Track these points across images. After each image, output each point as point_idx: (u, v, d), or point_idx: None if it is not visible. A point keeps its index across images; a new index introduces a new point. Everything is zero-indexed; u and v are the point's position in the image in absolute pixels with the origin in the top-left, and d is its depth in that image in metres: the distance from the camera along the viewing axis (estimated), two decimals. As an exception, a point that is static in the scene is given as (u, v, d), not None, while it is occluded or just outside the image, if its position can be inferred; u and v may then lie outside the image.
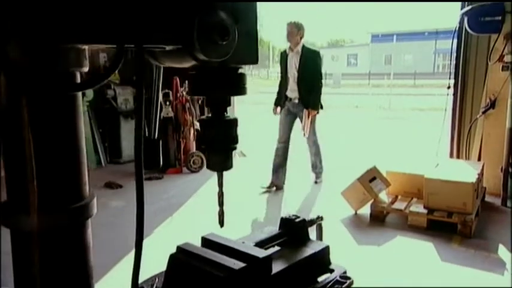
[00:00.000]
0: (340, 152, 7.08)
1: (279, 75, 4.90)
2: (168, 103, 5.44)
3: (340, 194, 4.09)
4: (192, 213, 4.14)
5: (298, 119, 4.71)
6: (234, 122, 1.07)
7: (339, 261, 1.44)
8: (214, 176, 3.72)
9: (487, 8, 4.05)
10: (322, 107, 4.63)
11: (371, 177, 3.92)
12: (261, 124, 10.18)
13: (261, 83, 30.58)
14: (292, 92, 4.62)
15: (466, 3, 4.42)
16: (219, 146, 1.08)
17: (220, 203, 1.18)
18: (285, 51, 4.71)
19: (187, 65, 0.96)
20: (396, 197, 4.00)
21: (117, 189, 4.76)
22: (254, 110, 14.31)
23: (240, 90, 1.03)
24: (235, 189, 4.92)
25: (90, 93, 5.34)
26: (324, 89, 4.64)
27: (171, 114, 5.48)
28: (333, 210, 4.06)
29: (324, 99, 4.74)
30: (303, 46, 4.55)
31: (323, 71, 4.76)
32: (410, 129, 10.04)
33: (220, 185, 1.18)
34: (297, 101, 4.59)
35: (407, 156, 5.45)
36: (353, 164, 5.15)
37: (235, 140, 1.08)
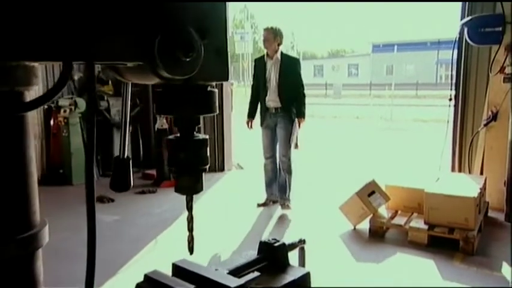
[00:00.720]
0: (339, 164, 7.05)
1: (252, 83, 4.73)
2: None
3: (338, 209, 4.05)
4: (183, 230, 4.07)
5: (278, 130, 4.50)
6: (203, 142, 1.03)
7: (337, 278, 1.40)
8: (210, 189, 3.64)
9: (487, 19, 4.06)
10: (305, 117, 4.46)
11: (370, 191, 3.89)
12: (257, 135, 10.16)
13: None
14: (273, 101, 4.42)
15: (466, 13, 4.44)
16: (188, 167, 1.04)
17: (190, 229, 1.13)
18: (261, 58, 4.56)
19: (152, 82, 0.93)
20: (396, 211, 3.96)
21: (109, 203, 4.71)
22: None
23: (209, 109, 0.98)
24: (230, 204, 4.89)
25: (82, 104, 5.33)
26: (325, 100, 4.54)
27: (166, 125, 5.46)
28: (331, 226, 4.01)
29: (309, 108, 4.66)
30: (282, 53, 4.42)
31: (325, 81, 4.70)
32: (412, 141, 10.02)
33: (190, 208, 1.13)
34: (278, 111, 4.40)
35: (408, 170, 5.42)
36: (353, 177, 5.12)
37: (205, 161, 1.04)
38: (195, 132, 1.04)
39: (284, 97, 4.37)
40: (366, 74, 37.93)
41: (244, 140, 8.79)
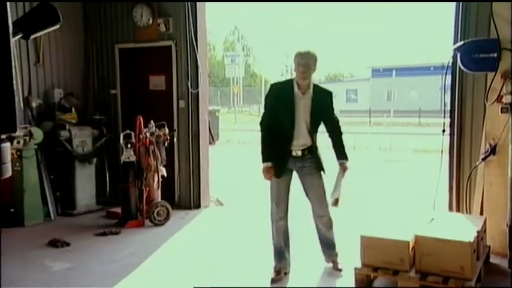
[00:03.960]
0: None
1: (264, 116, 3.88)
2: (129, 146, 5.31)
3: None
4: (146, 278, 3.89)
5: (296, 178, 3.90)
6: None
7: None
8: (181, 230, 3.44)
9: (481, 44, 4.05)
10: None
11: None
12: (243, 167, 10.04)
13: (252, 120, 30.78)
14: (300, 144, 3.75)
15: (459, 37, 4.45)
16: None
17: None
18: (286, 87, 3.79)
19: None
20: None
21: (63, 248, 4.51)
22: (239, 151, 14.24)
23: None
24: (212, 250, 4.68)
25: (39, 135, 5.21)
26: (320, 127, 3.84)
27: (133, 158, 5.34)
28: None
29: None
30: (314, 86, 3.80)
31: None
32: (410, 174, 9.95)
33: None
34: (305, 154, 3.77)
35: (401, 208, 5.30)
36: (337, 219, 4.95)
37: None
38: None
39: (315, 138, 3.82)
40: (365, 99, 38.30)
41: (225, 171, 8.70)
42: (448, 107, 4.79)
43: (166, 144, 5.54)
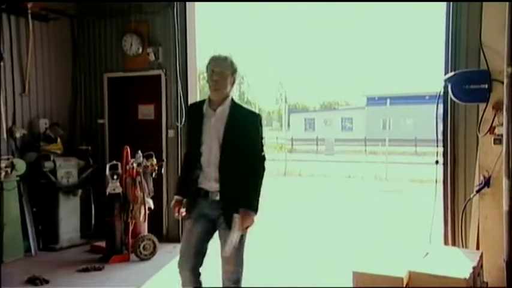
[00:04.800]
0: (314, 237, 6.79)
1: (183, 145, 3.62)
2: (115, 177, 5.26)
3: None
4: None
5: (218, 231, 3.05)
6: None
7: None
8: (168, 265, 3.32)
9: (471, 75, 4.10)
10: (257, 212, 2.99)
11: None
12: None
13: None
14: (209, 180, 2.99)
15: (449, 67, 4.51)
16: None
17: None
18: (198, 106, 3.11)
19: None
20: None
21: (42, 286, 4.39)
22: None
23: None
24: None
25: (21, 165, 5.15)
26: (316, 156, 3.43)
27: (119, 190, 5.27)
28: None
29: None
30: (233, 102, 3.03)
31: (316, 135, 3.59)
32: (406, 205, 9.92)
33: None
34: (217, 197, 2.98)
35: (395, 241, 5.24)
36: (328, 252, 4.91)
37: None
38: None
39: (230, 175, 2.95)
40: (360, 128, 38.58)
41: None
42: (441, 137, 4.82)
43: (154, 175, 5.49)
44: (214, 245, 3.06)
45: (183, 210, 3.13)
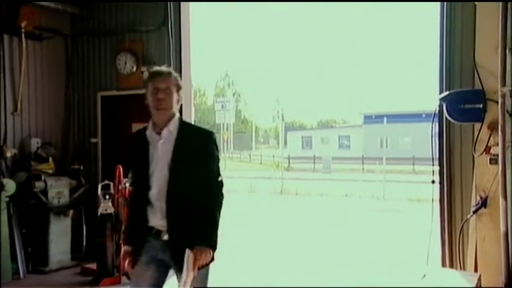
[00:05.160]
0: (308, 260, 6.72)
1: (130, 180, 3.05)
2: (108, 197, 5.21)
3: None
4: None
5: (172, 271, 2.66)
6: None
7: None
8: None
9: (466, 95, 4.12)
10: (215, 247, 2.54)
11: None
12: (231, 218, 9.89)
13: (242, 167, 30.80)
14: (160, 217, 2.55)
15: (444, 87, 4.53)
16: None
17: None
18: (140, 133, 2.68)
19: None
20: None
21: (30, 310, 4.32)
22: (226, 200, 14.06)
23: None
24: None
25: (11, 185, 5.10)
26: (313, 175, 3.09)
27: (111, 210, 5.22)
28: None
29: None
30: (181, 121, 2.65)
31: (313, 153, 3.19)
32: (403, 224, 9.87)
33: None
34: (164, 235, 2.55)
35: (392, 263, 5.20)
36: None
37: None
38: None
39: (180, 207, 2.53)
40: (358, 146, 38.63)
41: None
42: (437, 155, 4.82)
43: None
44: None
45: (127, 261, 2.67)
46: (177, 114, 2.65)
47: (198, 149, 2.58)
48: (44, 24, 6.03)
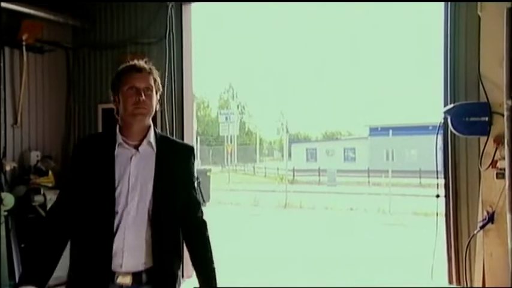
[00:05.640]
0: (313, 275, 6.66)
1: (59, 203, 2.19)
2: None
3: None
4: None
5: None
6: None
7: None
8: None
9: (471, 108, 4.08)
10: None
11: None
12: (234, 232, 9.84)
13: (246, 179, 30.74)
14: (135, 255, 2.04)
15: (449, 99, 4.50)
16: None
17: None
18: (97, 143, 2.17)
19: None
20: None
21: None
22: (230, 213, 14.03)
23: None
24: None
25: (9, 199, 5.07)
26: (318, 187, 2.93)
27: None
28: None
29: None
30: (157, 133, 2.20)
31: (318, 166, 2.99)
32: (410, 239, 9.77)
33: None
34: (145, 280, 2.06)
35: (398, 279, 5.12)
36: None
37: None
38: None
39: (168, 240, 2.12)
40: (363, 158, 38.51)
41: (215, 237, 8.45)
42: (441, 168, 4.78)
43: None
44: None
45: None
46: (151, 123, 2.19)
47: (182, 167, 2.21)
48: (46, 36, 6.06)
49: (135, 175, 2.08)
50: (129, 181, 2.06)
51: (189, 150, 2.30)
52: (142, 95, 2.08)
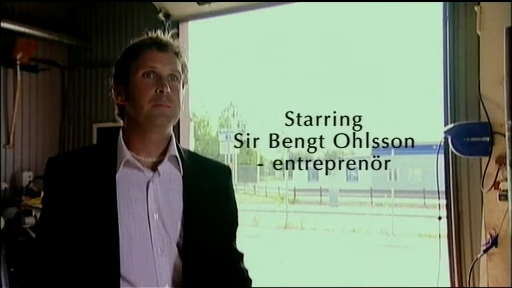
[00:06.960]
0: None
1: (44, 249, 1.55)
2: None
3: None
4: None
5: None
6: None
7: None
8: None
9: (472, 128, 4.06)
10: None
11: None
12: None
13: (246, 199, 30.59)
14: None
15: (449, 119, 4.49)
16: None
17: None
18: (85, 164, 1.54)
19: None
20: None
21: None
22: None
23: None
24: None
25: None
26: (319, 208, 2.71)
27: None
28: None
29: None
30: (182, 148, 1.61)
31: (320, 185, 2.76)
32: (413, 262, 9.66)
33: None
34: None
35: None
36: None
37: None
38: None
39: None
40: (366, 178, 38.36)
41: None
42: (444, 190, 4.75)
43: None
44: None
45: None
46: (172, 133, 1.60)
47: (220, 200, 1.53)
48: (40, 55, 6.10)
49: (157, 210, 1.39)
50: (149, 222, 1.37)
51: (227, 172, 1.62)
52: (167, 85, 1.43)
